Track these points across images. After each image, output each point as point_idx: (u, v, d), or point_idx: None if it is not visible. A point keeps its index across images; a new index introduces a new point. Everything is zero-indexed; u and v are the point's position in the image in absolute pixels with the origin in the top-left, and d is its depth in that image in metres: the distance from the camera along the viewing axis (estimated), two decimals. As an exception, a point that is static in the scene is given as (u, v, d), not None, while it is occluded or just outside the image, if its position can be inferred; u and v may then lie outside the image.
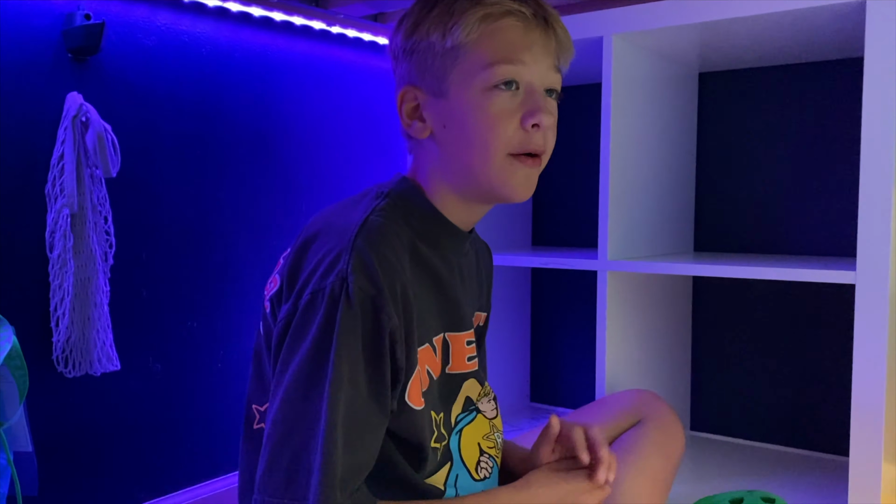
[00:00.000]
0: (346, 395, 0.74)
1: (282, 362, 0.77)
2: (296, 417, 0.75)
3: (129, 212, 1.38)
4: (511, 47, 0.82)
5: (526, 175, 0.85)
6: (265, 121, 1.60)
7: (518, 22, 0.82)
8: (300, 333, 0.76)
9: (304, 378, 0.75)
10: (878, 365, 1.12)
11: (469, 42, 0.81)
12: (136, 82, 1.38)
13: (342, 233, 0.79)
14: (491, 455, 0.95)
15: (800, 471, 1.51)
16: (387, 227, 0.80)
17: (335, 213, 0.85)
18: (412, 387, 0.81)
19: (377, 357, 0.76)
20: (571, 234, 1.89)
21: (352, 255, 0.76)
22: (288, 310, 0.79)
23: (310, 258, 0.80)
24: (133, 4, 1.37)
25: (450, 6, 0.83)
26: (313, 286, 0.77)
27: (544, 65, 0.84)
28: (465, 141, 0.83)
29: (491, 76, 0.81)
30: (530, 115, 0.82)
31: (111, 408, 1.38)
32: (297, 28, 1.62)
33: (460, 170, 0.85)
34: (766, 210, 1.63)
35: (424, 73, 0.85)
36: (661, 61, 1.51)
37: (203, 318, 1.51)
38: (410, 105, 0.87)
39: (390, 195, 0.86)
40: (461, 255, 0.93)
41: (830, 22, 1.23)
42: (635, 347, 1.49)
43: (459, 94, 0.83)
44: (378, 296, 0.75)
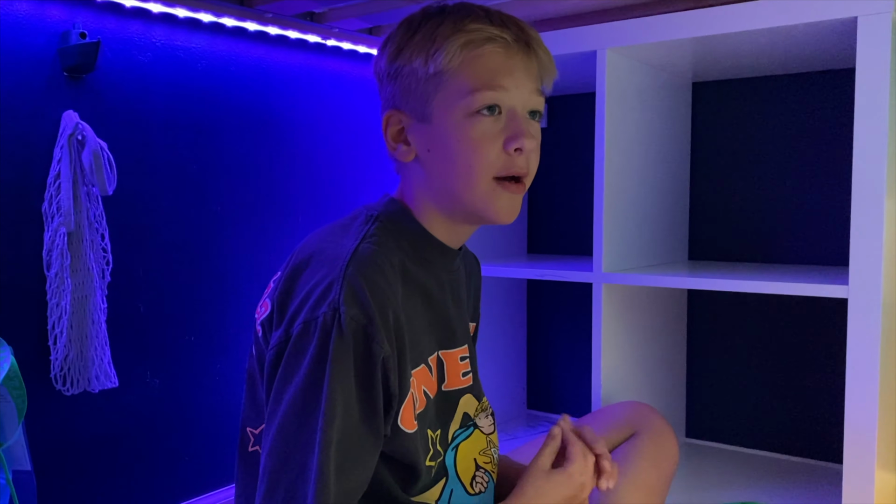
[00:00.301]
0: (339, 426, 0.75)
1: (276, 392, 0.78)
2: (290, 449, 0.75)
3: (126, 229, 1.38)
4: (492, 74, 0.82)
5: (510, 199, 0.86)
6: (261, 135, 1.60)
7: (499, 48, 0.83)
8: (293, 364, 0.77)
9: (298, 409, 0.75)
10: (871, 374, 1.13)
11: (451, 68, 0.82)
12: (132, 99, 1.39)
13: (333, 261, 0.79)
14: (487, 470, 0.96)
15: (794, 478, 1.52)
16: (378, 253, 0.81)
17: (325, 238, 0.86)
18: (405, 411, 0.82)
19: (370, 386, 0.77)
20: (567, 242, 1.90)
21: (343, 284, 0.76)
22: (280, 337, 0.79)
23: (301, 286, 0.81)
24: (128, 21, 1.37)
25: (432, 32, 0.83)
26: (305, 316, 0.77)
27: (527, 89, 0.85)
28: (449, 165, 0.84)
29: (473, 102, 0.82)
30: (513, 140, 0.83)
31: (109, 424, 1.38)
32: (292, 42, 1.63)
33: (445, 193, 0.86)
34: (760, 219, 1.64)
35: (408, 98, 0.85)
36: (655, 72, 1.52)
37: (201, 332, 1.51)
38: (395, 128, 0.88)
39: (380, 218, 0.87)
40: (452, 273, 0.94)
41: (823, 36, 1.24)
42: (631, 357, 1.49)
43: (443, 119, 0.83)
44: (370, 325, 0.76)
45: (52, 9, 1.27)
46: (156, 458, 1.45)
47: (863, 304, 1.13)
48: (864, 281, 1.12)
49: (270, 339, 0.81)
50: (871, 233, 1.12)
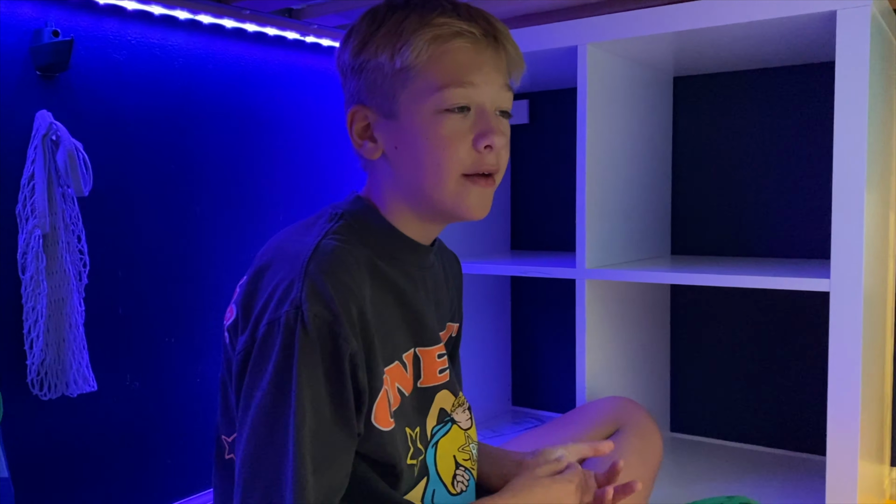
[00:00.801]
0: (310, 425, 0.73)
1: (244, 397, 0.77)
2: (263, 453, 0.74)
3: (104, 230, 1.36)
4: (462, 69, 0.81)
5: (480, 195, 0.85)
6: (241, 133, 1.58)
7: (468, 43, 0.81)
8: (259, 367, 0.76)
9: (267, 412, 0.74)
10: (853, 367, 1.13)
11: (419, 64, 0.81)
12: (108, 98, 1.36)
13: (294, 260, 0.78)
14: (467, 468, 0.95)
15: (778, 471, 1.53)
16: (341, 249, 0.79)
17: (288, 238, 0.84)
18: (378, 409, 0.81)
19: (339, 383, 0.76)
20: (550, 238, 1.90)
21: (304, 282, 0.75)
22: (245, 341, 0.78)
23: (264, 287, 0.79)
24: (103, 19, 1.35)
25: (398, 25, 0.82)
26: (269, 317, 0.76)
27: (496, 84, 0.83)
28: (417, 163, 0.83)
29: (442, 99, 0.81)
30: (483, 137, 0.82)
31: (88, 429, 1.36)
32: (270, 38, 1.61)
33: (414, 190, 0.85)
34: (743, 213, 1.64)
35: (374, 94, 0.84)
36: (636, 67, 1.51)
37: (181, 334, 1.49)
38: (361, 125, 0.86)
39: (344, 216, 0.85)
40: (425, 269, 0.93)
41: (803, 29, 1.24)
42: (615, 352, 1.49)
43: (410, 115, 0.82)
44: (335, 321, 0.75)
45: (24, 7, 1.25)
46: (136, 463, 1.44)
47: (845, 297, 1.13)
48: (846, 274, 1.13)
49: (237, 345, 0.80)
50: (851, 226, 1.12)
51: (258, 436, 0.74)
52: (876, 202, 1.25)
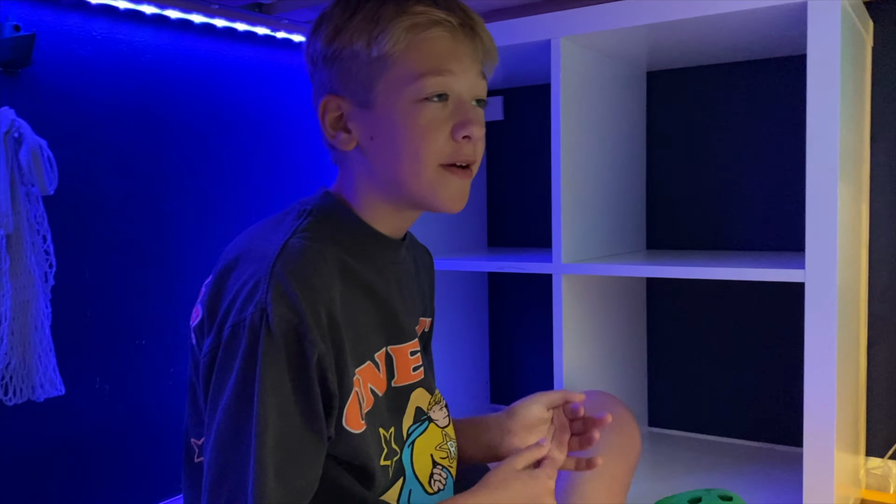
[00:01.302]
0: (275, 429, 0.72)
1: (211, 400, 0.75)
2: (228, 457, 0.73)
3: (70, 230, 1.33)
4: (440, 58, 0.80)
5: (458, 186, 0.84)
6: (210, 128, 1.56)
7: (446, 32, 0.80)
8: (225, 369, 0.74)
9: (232, 416, 0.73)
10: (829, 358, 1.14)
11: (396, 52, 0.79)
12: (73, 94, 1.33)
13: (261, 259, 0.76)
14: (444, 466, 0.94)
15: (756, 463, 1.53)
16: (309, 248, 0.77)
17: (255, 236, 0.82)
18: (349, 411, 0.79)
19: (306, 387, 0.74)
20: (527, 234, 1.89)
21: (270, 283, 0.73)
22: (211, 343, 0.76)
23: (230, 287, 0.77)
24: (66, 13, 1.32)
25: (374, 13, 0.80)
26: (233, 318, 0.74)
27: (472, 73, 0.83)
28: (395, 153, 0.81)
29: (421, 88, 0.79)
30: (461, 127, 0.81)
31: (56, 433, 1.33)
32: (240, 34, 1.58)
33: (391, 182, 0.84)
34: (717, 206, 1.65)
35: (348, 83, 0.82)
36: (609, 61, 1.51)
37: (152, 335, 1.46)
38: (333, 115, 0.84)
39: (313, 212, 0.84)
40: (397, 264, 0.91)
41: (774, 22, 1.25)
42: (592, 347, 1.49)
43: (388, 105, 0.80)
44: (300, 324, 0.73)
45: (-16, 1, 1.21)
46: (105, 468, 1.41)
47: (819, 289, 1.13)
48: (820, 265, 1.13)
49: (203, 346, 0.78)
50: (825, 217, 1.13)
51: (223, 440, 0.73)
52: (849, 194, 1.26)
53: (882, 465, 1.50)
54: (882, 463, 1.50)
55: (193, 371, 0.84)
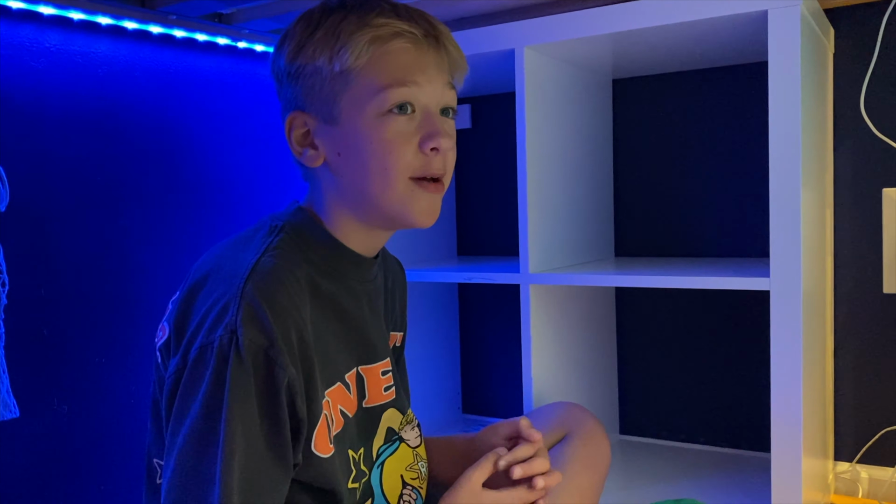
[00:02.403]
0: (240, 457, 0.70)
1: (173, 422, 0.73)
2: (188, 484, 0.70)
3: (24, 247, 1.29)
4: (403, 70, 0.79)
5: (429, 200, 0.83)
6: (171, 140, 1.52)
7: (408, 43, 0.79)
8: (190, 392, 0.72)
9: (195, 440, 0.70)
10: (795, 364, 1.14)
11: (358, 66, 0.78)
12: (26, 109, 1.29)
13: (231, 278, 0.74)
14: (415, 487, 0.93)
15: (726, 469, 1.54)
16: (279, 267, 0.76)
17: (224, 254, 0.81)
18: (318, 435, 0.77)
19: (274, 413, 0.72)
20: (497, 243, 1.88)
21: (241, 304, 0.71)
22: (177, 364, 0.74)
23: (198, 307, 0.75)
24: (17, 25, 1.28)
25: (335, 28, 0.79)
26: (201, 340, 0.72)
27: (438, 84, 0.82)
28: (363, 169, 0.80)
29: (385, 101, 0.78)
30: (429, 139, 0.80)
31: (11, 458, 1.29)
32: (201, 44, 1.56)
33: (361, 198, 0.82)
34: (684, 214, 1.65)
35: (313, 99, 0.81)
36: (575, 70, 1.51)
37: (112, 353, 1.43)
38: (300, 131, 0.83)
39: (285, 229, 0.82)
40: (368, 283, 0.89)
41: (735, 29, 1.25)
42: (562, 356, 1.48)
43: (353, 120, 0.79)
44: (271, 347, 0.71)
45: (-70, 12, 1.18)
46: (64, 491, 1.37)
47: (784, 296, 1.14)
48: (785, 272, 1.13)
49: (169, 366, 0.75)
50: (789, 224, 1.13)
51: (184, 465, 0.70)
52: (812, 200, 1.26)
53: (850, 470, 1.50)
54: (850, 467, 1.50)
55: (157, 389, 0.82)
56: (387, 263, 1.01)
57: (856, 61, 1.45)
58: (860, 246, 1.47)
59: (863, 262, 1.47)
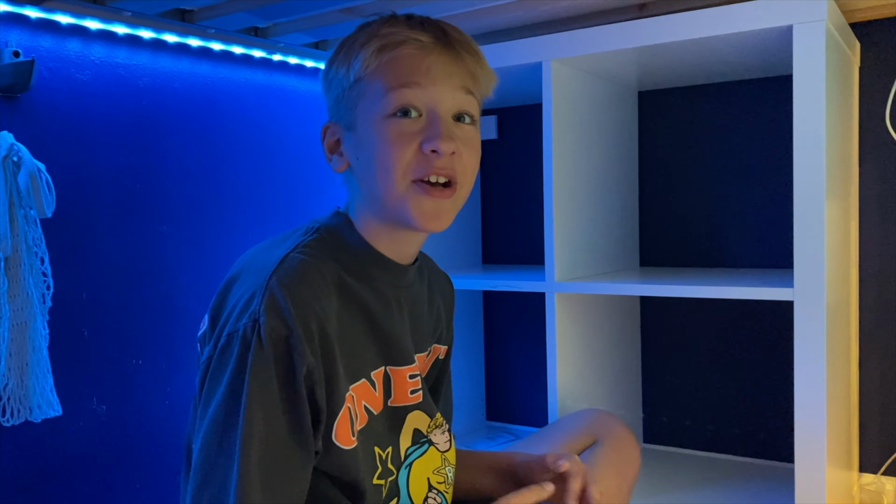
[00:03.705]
0: (260, 439, 0.73)
1: (202, 406, 0.77)
2: (212, 463, 0.74)
3: (68, 251, 1.34)
4: (406, 73, 0.82)
5: (432, 204, 0.83)
6: (207, 150, 1.57)
7: (413, 49, 0.82)
8: (216, 377, 0.76)
9: (219, 423, 0.74)
10: (818, 374, 1.15)
11: (368, 73, 0.83)
12: (71, 118, 1.35)
13: (260, 272, 0.78)
14: (440, 491, 0.95)
15: (749, 479, 1.54)
16: (305, 262, 0.79)
17: (260, 251, 0.85)
18: (339, 426, 0.80)
19: (294, 399, 0.75)
20: (521, 252, 1.91)
21: (265, 294, 0.75)
22: (209, 352, 0.78)
23: (231, 298, 0.80)
24: (65, 39, 1.34)
25: (354, 42, 0.85)
26: (229, 328, 0.76)
27: (447, 87, 0.83)
28: (371, 169, 0.84)
29: (388, 103, 0.82)
30: (428, 141, 0.81)
31: (54, 455, 1.33)
32: (237, 57, 1.61)
33: (373, 199, 0.86)
34: (709, 224, 1.66)
35: (338, 108, 0.87)
36: (600, 82, 1.53)
37: (148, 355, 1.47)
38: (332, 139, 0.89)
39: (320, 230, 0.86)
40: (400, 288, 0.92)
41: (761, 44, 1.27)
42: (586, 364, 1.50)
43: (365, 124, 0.84)
44: (290, 336, 0.74)
45: (-16, 27, 1.23)
46: (102, 488, 1.41)
47: (808, 306, 1.15)
48: (809, 283, 1.14)
49: (203, 354, 0.80)
50: (813, 236, 1.14)
51: (210, 445, 0.75)
52: (837, 212, 1.27)
53: (875, 481, 1.50)
54: (875, 479, 1.50)
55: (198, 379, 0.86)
56: (433, 276, 1.03)
57: (881, 75, 1.46)
58: (885, 258, 1.48)
59: (888, 274, 1.48)
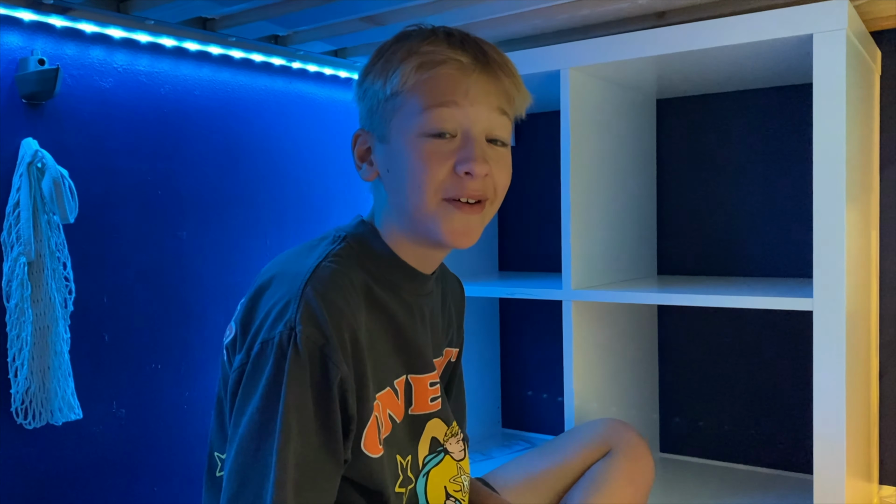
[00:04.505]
0: (295, 447, 0.74)
1: (236, 414, 0.78)
2: (248, 471, 0.75)
3: (89, 256, 1.36)
4: (444, 91, 0.83)
5: (464, 221, 0.85)
6: (227, 157, 1.59)
7: (453, 69, 0.83)
8: (251, 385, 0.77)
9: (255, 430, 0.75)
10: (838, 385, 1.14)
11: (406, 89, 0.84)
12: (94, 125, 1.37)
13: (293, 280, 0.79)
14: (457, 499, 0.95)
15: (768, 490, 1.53)
16: (338, 272, 0.80)
17: (290, 259, 0.86)
18: (368, 435, 0.81)
19: (327, 407, 0.76)
20: (538, 259, 1.91)
21: (300, 303, 0.76)
22: (241, 359, 0.79)
23: (262, 306, 0.80)
24: (89, 47, 1.36)
25: (393, 55, 0.86)
26: (263, 336, 0.77)
27: (483, 108, 0.84)
28: (402, 184, 0.85)
29: (425, 121, 0.83)
30: (463, 163, 0.82)
31: (74, 457, 1.35)
32: (257, 65, 1.62)
33: (402, 213, 0.87)
34: (727, 233, 1.65)
35: (372, 118, 0.88)
36: (618, 90, 1.53)
37: (168, 360, 1.48)
38: (362, 148, 0.90)
39: (347, 238, 0.87)
40: (422, 296, 0.93)
41: (781, 52, 1.26)
42: (603, 373, 1.49)
43: (399, 139, 0.85)
44: (326, 345, 0.75)
45: (10, 35, 1.25)
46: (122, 492, 1.42)
47: (828, 316, 1.14)
48: (828, 292, 1.14)
49: (234, 362, 0.80)
50: (832, 245, 1.13)
51: (245, 453, 0.75)
52: (857, 221, 1.26)
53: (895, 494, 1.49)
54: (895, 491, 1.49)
55: (222, 386, 0.87)
56: (445, 280, 1.04)
57: (903, 83, 1.45)
58: (907, 268, 1.47)
59: (909, 285, 1.46)
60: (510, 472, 1.18)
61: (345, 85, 1.82)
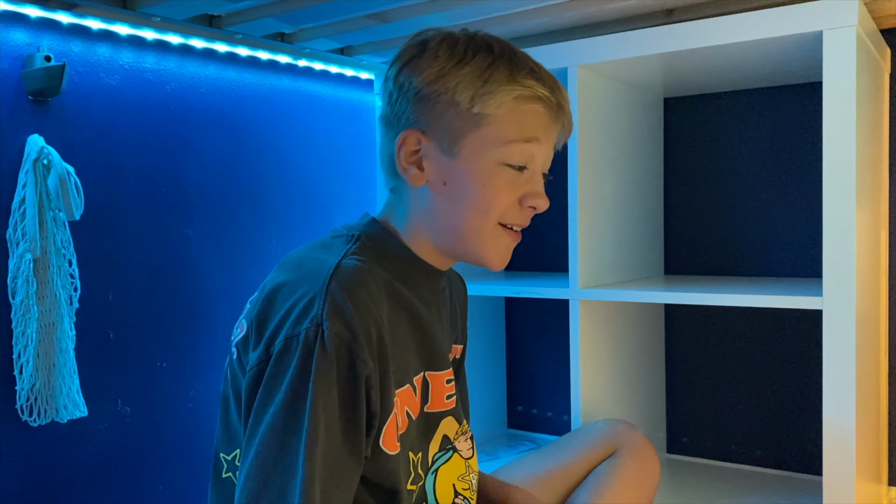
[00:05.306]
0: (322, 445, 0.73)
1: (256, 412, 0.76)
2: (270, 470, 0.73)
3: (95, 253, 1.36)
4: (533, 128, 0.85)
5: (507, 245, 0.90)
6: (232, 155, 1.59)
7: (544, 109, 0.85)
8: (274, 382, 0.75)
9: (279, 428, 0.73)
10: (848, 386, 1.13)
11: (496, 115, 0.83)
12: (100, 122, 1.37)
13: (315, 277, 0.78)
14: (465, 497, 0.95)
15: (776, 491, 1.52)
16: (362, 269, 0.80)
17: (306, 256, 0.84)
18: (387, 432, 0.81)
19: (353, 403, 0.76)
20: (545, 259, 1.90)
21: (326, 299, 0.75)
22: (259, 357, 0.77)
23: (280, 303, 0.79)
24: (95, 44, 1.36)
25: (484, 71, 0.83)
26: (286, 333, 0.75)
27: (551, 146, 0.89)
28: (464, 203, 0.85)
29: (510, 153, 0.84)
30: (531, 198, 0.87)
31: (79, 454, 1.35)
32: (263, 63, 1.62)
33: (449, 227, 0.87)
34: (735, 232, 1.64)
35: (438, 125, 0.84)
36: (626, 88, 1.52)
37: (172, 357, 1.48)
38: (410, 149, 0.86)
39: (361, 238, 0.86)
40: (437, 293, 0.93)
41: (790, 50, 1.25)
42: (610, 373, 1.49)
43: (472, 158, 0.84)
44: (353, 341, 0.75)
45: (16, 32, 1.25)
46: (127, 489, 1.42)
47: (837, 315, 1.13)
48: (838, 292, 1.13)
49: (248, 361, 0.79)
50: (842, 244, 1.12)
51: (267, 453, 0.74)
52: (866, 220, 1.25)
53: (905, 495, 1.47)
54: (905, 493, 1.48)
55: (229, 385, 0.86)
56: (449, 277, 1.04)
57: (913, 81, 1.44)
58: (916, 268, 1.45)
59: (919, 285, 1.45)
60: (515, 472, 1.18)
61: (350, 83, 1.82)
